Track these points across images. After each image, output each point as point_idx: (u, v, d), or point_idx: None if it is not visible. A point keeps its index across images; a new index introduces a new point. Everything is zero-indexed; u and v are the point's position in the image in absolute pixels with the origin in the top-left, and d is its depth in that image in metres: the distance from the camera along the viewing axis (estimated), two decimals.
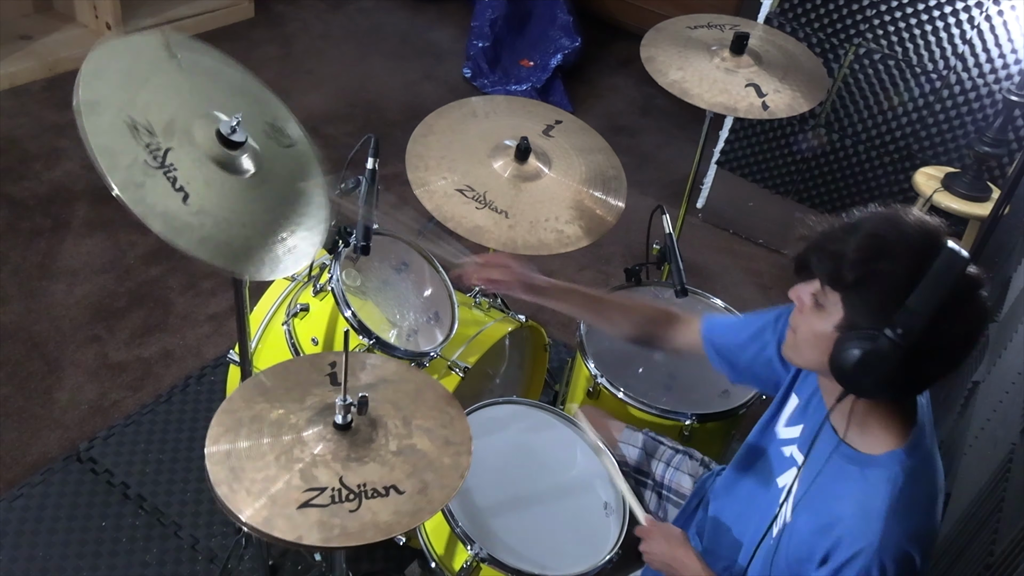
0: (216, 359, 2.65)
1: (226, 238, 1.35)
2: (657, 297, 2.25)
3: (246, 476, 1.23)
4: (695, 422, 1.93)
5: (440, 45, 4.59)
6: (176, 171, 1.33)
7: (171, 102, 1.39)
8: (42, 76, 3.70)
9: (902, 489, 1.19)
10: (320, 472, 1.25)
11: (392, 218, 1.83)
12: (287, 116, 1.60)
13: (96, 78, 1.31)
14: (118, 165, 1.27)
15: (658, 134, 4.18)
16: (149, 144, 1.31)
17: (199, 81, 1.46)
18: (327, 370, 1.40)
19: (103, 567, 2.10)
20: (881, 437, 1.23)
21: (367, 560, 2.17)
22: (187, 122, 1.39)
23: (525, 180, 1.94)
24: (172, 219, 1.30)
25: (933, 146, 3.05)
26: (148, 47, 1.42)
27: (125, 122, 1.30)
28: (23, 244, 2.93)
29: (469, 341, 2.01)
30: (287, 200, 1.51)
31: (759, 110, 2.06)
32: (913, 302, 1.09)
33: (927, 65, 2.95)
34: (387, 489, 1.26)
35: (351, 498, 1.23)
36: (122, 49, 1.39)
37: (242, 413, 1.32)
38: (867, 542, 1.17)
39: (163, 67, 1.41)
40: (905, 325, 1.10)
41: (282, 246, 1.44)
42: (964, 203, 2.81)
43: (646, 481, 1.79)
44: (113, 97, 1.31)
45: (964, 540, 1.62)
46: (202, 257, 1.31)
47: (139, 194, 1.27)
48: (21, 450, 2.32)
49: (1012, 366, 1.80)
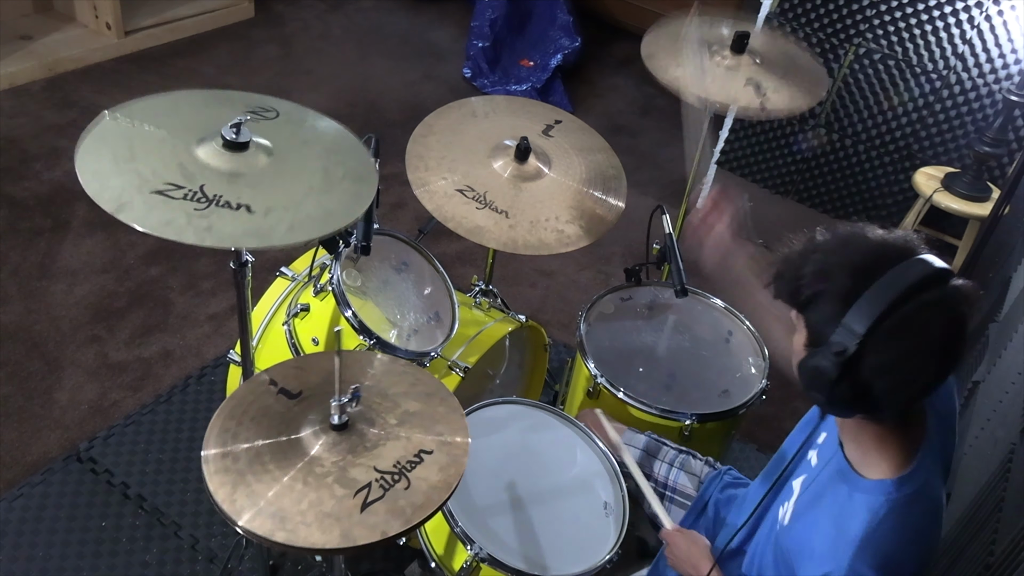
0: (216, 359, 2.65)
1: (304, 212, 1.40)
2: (657, 296, 2.26)
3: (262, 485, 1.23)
4: (695, 422, 1.93)
5: (440, 45, 4.59)
6: (223, 195, 1.37)
7: (166, 152, 1.42)
8: (42, 76, 3.70)
9: (881, 521, 1.17)
10: (355, 472, 1.27)
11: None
12: (254, 99, 1.62)
13: (103, 187, 1.33)
14: (183, 229, 1.30)
15: (658, 134, 4.18)
16: (187, 195, 1.35)
17: (167, 122, 1.48)
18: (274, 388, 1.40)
19: (103, 567, 2.10)
20: (876, 462, 1.21)
21: (367, 560, 2.17)
22: (192, 156, 1.42)
23: (525, 180, 1.94)
24: (258, 232, 1.34)
25: (933, 146, 3.06)
26: (107, 131, 1.43)
27: (155, 194, 1.34)
28: (23, 244, 2.93)
29: (469, 341, 2.01)
30: (320, 154, 1.57)
31: (757, 109, 2.07)
32: (848, 319, 1.10)
33: (927, 65, 2.95)
34: (418, 455, 1.30)
35: (397, 479, 1.26)
36: (93, 147, 1.40)
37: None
38: (834, 565, 1.16)
39: (132, 134, 1.43)
40: (840, 343, 1.10)
41: (343, 188, 1.50)
42: (964, 203, 2.81)
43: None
44: (128, 186, 1.34)
45: (964, 540, 1.62)
46: (304, 239, 1.37)
47: (219, 235, 1.31)
48: (21, 450, 2.32)
49: (1012, 366, 1.80)
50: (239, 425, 1.31)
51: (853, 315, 1.09)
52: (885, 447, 1.21)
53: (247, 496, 1.21)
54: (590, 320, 2.14)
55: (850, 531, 1.17)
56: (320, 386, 1.38)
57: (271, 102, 1.62)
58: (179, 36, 4.18)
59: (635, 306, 2.25)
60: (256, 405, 1.35)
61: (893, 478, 1.19)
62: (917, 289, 1.09)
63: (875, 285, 1.09)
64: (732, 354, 2.18)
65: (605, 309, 2.20)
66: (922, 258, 1.11)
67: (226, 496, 1.21)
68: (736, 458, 2.57)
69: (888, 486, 1.19)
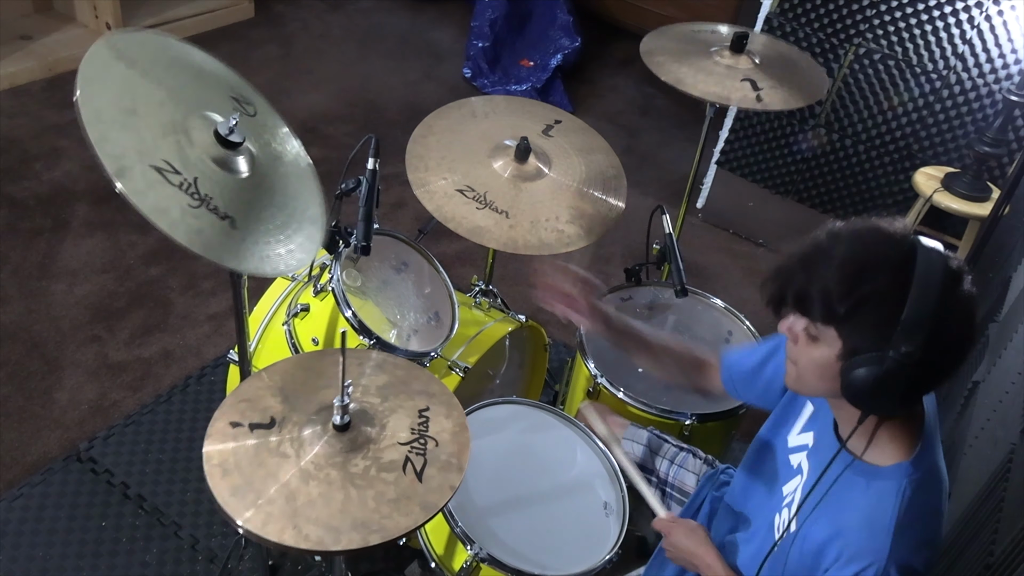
0: (216, 359, 2.65)
1: (272, 249, 1.39)
2: (657, 296, 2.26)
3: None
4: (695, 422, 1.93)
5: (440, 45, 4.59)
6: (213, 199, 1.35)
7: (164, 119, 1.38)
8: (42, 76, 3.70)
9: (909, 502, 1.18)
10: (387, 452, 1.29)
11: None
12: (241, 85, 1.59)
13: (105, 137, 1.29)
14: (176, 224, 1.28)
15: (658, 134, 4.18)
16: (182, 184, 1.32)
17: (165, 78, 1.44)
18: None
19: (103, 567, 2.10)
20: (889, 449, 1.23)
21: (367, 560, 2.17)
22: (187, 135, 1.39)
23: (525, 180, 1.94)
24: (237, 253, 1.33)
25: (933, 146, 3.05)
26: (109, 66, 1.38)
27: (152, 169, 1.30)
28: (23, 244, 2.93)
29: (469, 341, 2.01)
30: (288, 185, 1.53)
31: (753, 101, 2.07)
32: (909, 314, 1.08)
33: (927, 65, 2.95)
34: (421, 415, 1.35)
35: (423, 442, 1.31)
36: (97, 80, 1.35)
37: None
38: (875, 557, 1.16)
39: (133, 81, 1.38)
40: (908, 339, 1.08)
41: (302, 233, 1.48)
42: (964, 203, 2.81)
43: (650, 478, 1.78)
44: (128, 147, 1.30)
45: (964, 540, 1.62)
46: (272, 275, 1.37)
47: (206, 244, 1.30)
48: (21, 450, 2.32)
49: (1012, 366, 1.80)
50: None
51: (911, 313, 1.07)
52: (896, 433, 1.22)
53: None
54: None
55: (883, 520, 1.18)
56: (293, 400, 1.36)
57: (253, 96, 1.60)
58: (179, 36, 4.17)
59: (635, 306, 2.25)
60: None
61: (908, 460, 1.21)
62: (948, 274, 1.09)
63: (916, 277, 1.08)
64: None
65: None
66: (927, 244, 1.12)
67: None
68: (736, 457, 2.55)
69: (907, 468, 1.20)
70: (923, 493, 1.20)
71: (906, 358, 1.08)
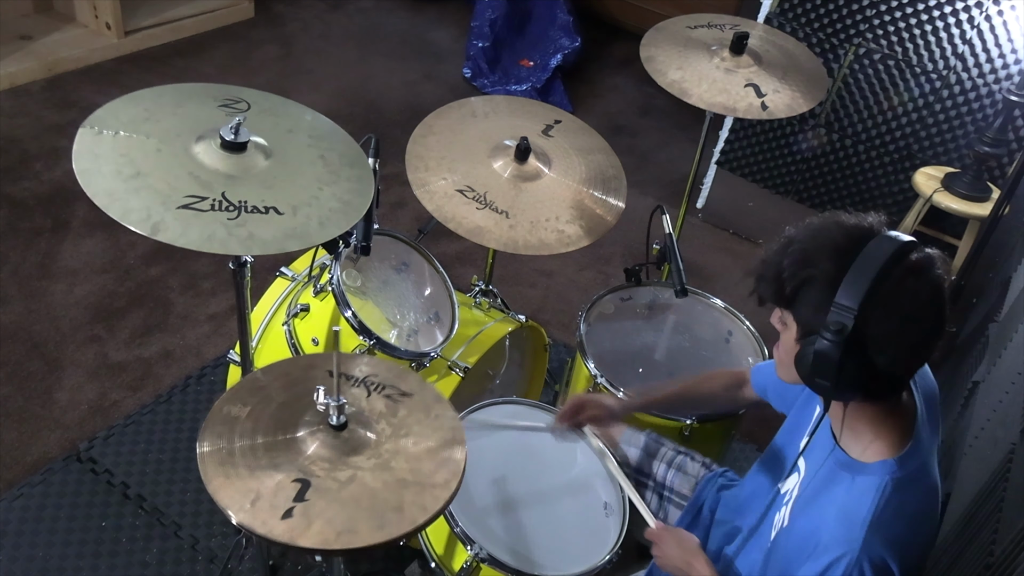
0: (216, 359, 2.65)
1: (326, 205, 1.41)
2: (657, 296, 2.26)
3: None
4: (695, 422, 1.93)
5: (440, 45, 4.59)
6: (248, 200, 1.36)
7: (169, 161, 1.40)
8: (42, 76, 3.70)
9: (888, 499, 1.19)
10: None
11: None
12: (221, 90, 1.61)
13: (126, 209, 1.31)
14: (227, 241, 1.30)
15: (658, 134, 4.18)
16: (213, 204, 1.34)
17: (150, 128, 1.46)
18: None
19: (103, 567, 2.10)
20: (873, 445, 1.23)
21: (367, 560, 2.17)
22: (196, 162, 1.41)
23: (525, 180, 1.94)
24: (295, 233, 1.34)
25: (933, 146, 3.05)
26: (97, 148, 1.40)
27: (182, 210, 1.32)
28: (23, 244, 2.93)
29: (469, 341, 2.01)
30: (310, 143, 1.57)
31: (758, 110, 2.06)
32: (840, 298, 1.12)
33: (927, 65, 2.95)
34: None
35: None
36: (93, 167, 1.37)
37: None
38: (847, 548, 1.17)
39: (127, 146, 1.41)
40: (836, 321, 1.12)
41: (346, 176, 1.51)
42: (964, 203, 2.81)
43: (647, 482, 1.79)
44: (152, 204, 1.33)
45: (964, 540, 1.62)
46: (338, 233, 1.38)
47: (262, 242, 1.31)
48: (21, 450, 2.32)
49: (1012, 366, 1.80)
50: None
51: (843, 293, 1.12)
52: (882, 429, 1.23)
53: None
54: (590, 320, 2.14)
55: (859, 513, 1.19)
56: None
57: (236, 92, 1.61)
58: (179, 36, 4.18)
59: (635, 306, 2.25)
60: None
61: (894, 457, 1.21)
62: (895, 259, 1.12)
63: (856, 262, 1.12)
64: (732, 354, 2.18)
65: (605, 309, 2.20)
66: (890, 234, 1.15)
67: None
68: (736, 458, 2.57)
69: (891, 465, 1.21)
70: (906, 493, 1.20)
71: (835, 336, 1.11)
